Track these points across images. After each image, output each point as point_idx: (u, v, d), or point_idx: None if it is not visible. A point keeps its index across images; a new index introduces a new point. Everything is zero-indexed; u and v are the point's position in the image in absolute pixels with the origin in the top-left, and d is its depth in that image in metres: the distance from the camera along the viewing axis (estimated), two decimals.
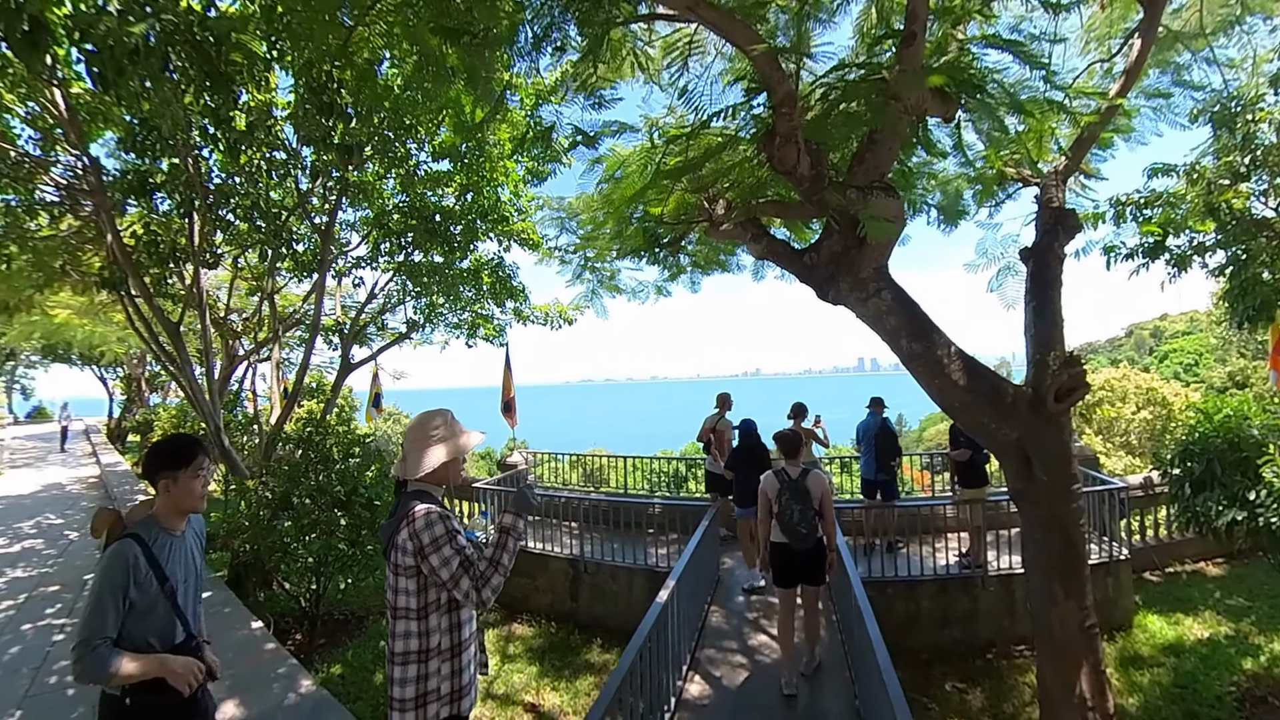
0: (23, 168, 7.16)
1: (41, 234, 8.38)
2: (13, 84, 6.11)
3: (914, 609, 6.42)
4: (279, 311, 10.32)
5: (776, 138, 3.01)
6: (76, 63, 5.76)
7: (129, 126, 6.38)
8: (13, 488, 14.17)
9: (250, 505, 6.25)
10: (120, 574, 1.99)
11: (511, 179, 8.12)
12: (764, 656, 5.08)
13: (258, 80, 5.41)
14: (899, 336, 3.57)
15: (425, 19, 3.40)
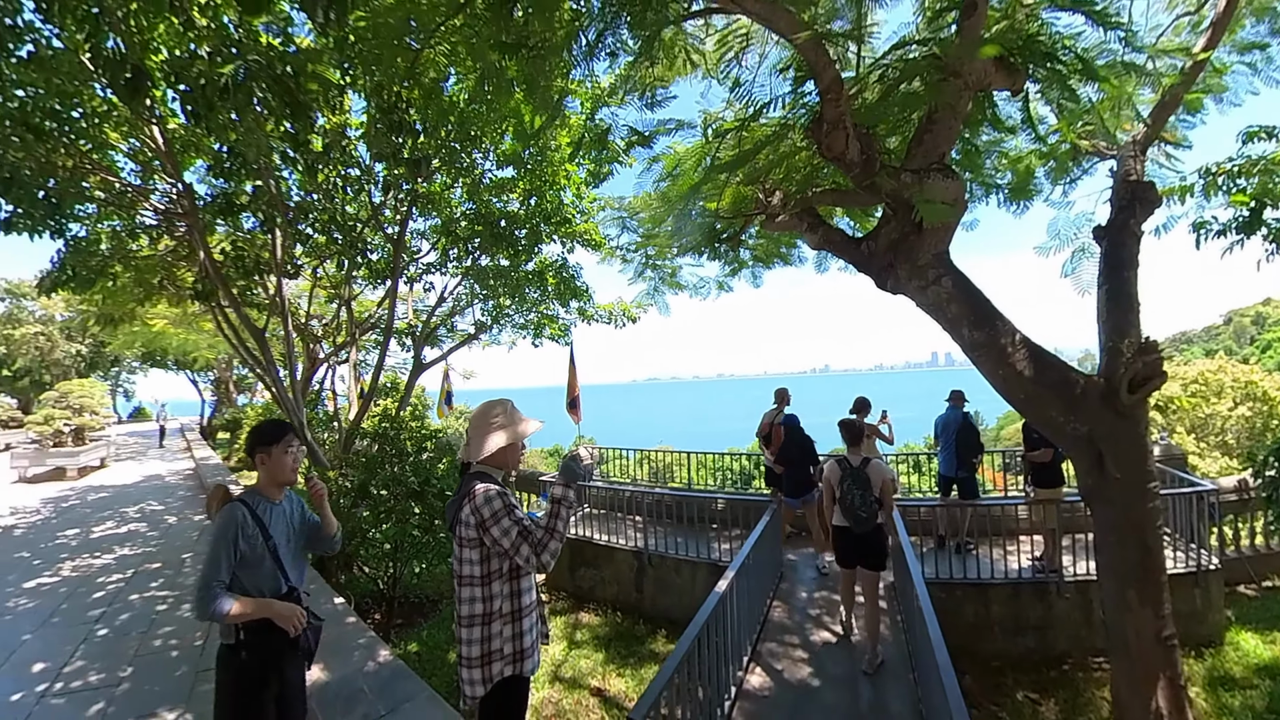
0: (126, 196, 7.97)
1: (142, 254, 9.19)
2: (117, 124, 6.82)
3: (984, 614, 6.13)
4: (355, 316, 11.01)
5: (824, 124, 2.96)
6: (171, 101, 6.32)
7: (218, 155, 6.93)
8: (119, 478, 15.68)
9: (331, 494, 6.61)
10: (231, 528, 2.39)
11: (573, 181, 8.28)
12: (827, 653, 5.03)
13: (332, 105, 5.80)
14: (960, 325, 3.44)
15: (486, 36, 3.56)
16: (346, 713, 2.85)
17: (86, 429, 18.68)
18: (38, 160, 6.18)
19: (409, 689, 3.04)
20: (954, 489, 7.34)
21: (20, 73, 5.12)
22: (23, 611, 5.89)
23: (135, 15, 4.34)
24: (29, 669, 4.64)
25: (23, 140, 5.75)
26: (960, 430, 7.23)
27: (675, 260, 6.22)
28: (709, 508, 8.06)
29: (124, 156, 7.74)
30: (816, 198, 4.02)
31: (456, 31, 3.88)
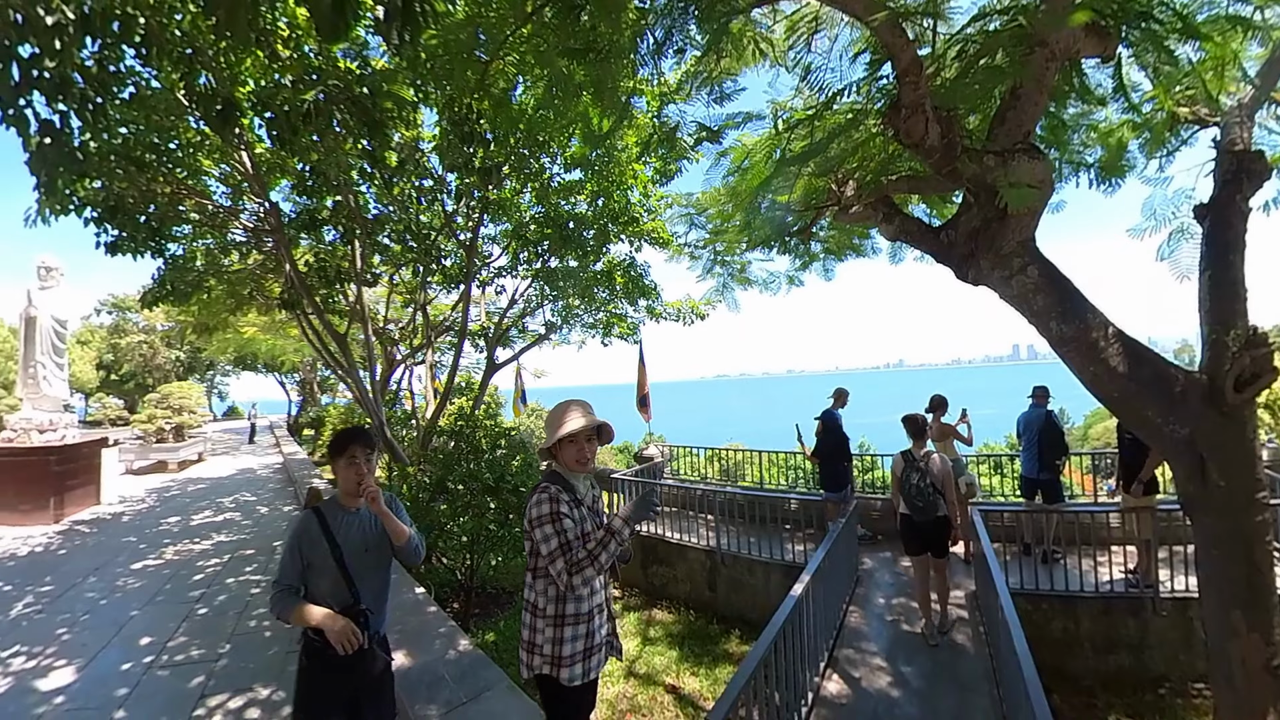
0: (218, 217, 8.64)
1: (233, 268, 9.93)
2: (209, 152, 7.37)
3: (1073, 629, 5.73)
4: (431, 320, 11.47)
5: (902, 109, 2.81)
6: (258, 128, 6.76)
7: (301, 174, 7.39)
8: (215, 471, 16.94)
9: (410, 488, 6.95)
10: (293, 536, 2.49)
11: (640, 180, 8.31)
12: (905, 662, 4.85)
13: (407, 121, 6.07)
14: (1047, 318, 3.18)
15: (553, 44, 3.61)
16: (430, 699, 2.95)
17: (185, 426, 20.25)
18: (139, 189, 6.78)
19: (489, 678, 3.13)
20: (1038, 493, 6.92)
21: (123, 112, 5.61)
22: (131, 590, 6.45)
23: (225, 53, 4.68)
24: (137, 642, 5.07)
25: (126, 172, 6.34)
26: (1043, 429, 6.77)
27: (744, 255, 6.11)
28: (781, 508, 7.92)
29: (216, 181, 8.40)
30: (892, 186, 3.85)
31: (524, 41, 3.95)
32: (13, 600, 6.17)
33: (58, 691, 4.24)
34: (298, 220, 8.23)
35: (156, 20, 3.81)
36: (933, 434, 7.11)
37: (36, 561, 7.69)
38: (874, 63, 3.00)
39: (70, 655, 4.83)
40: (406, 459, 8.44)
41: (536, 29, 3.73)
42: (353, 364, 9.13)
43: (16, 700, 4.13)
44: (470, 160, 6.10)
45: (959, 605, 5.84)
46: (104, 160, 5.83)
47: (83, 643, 5.08)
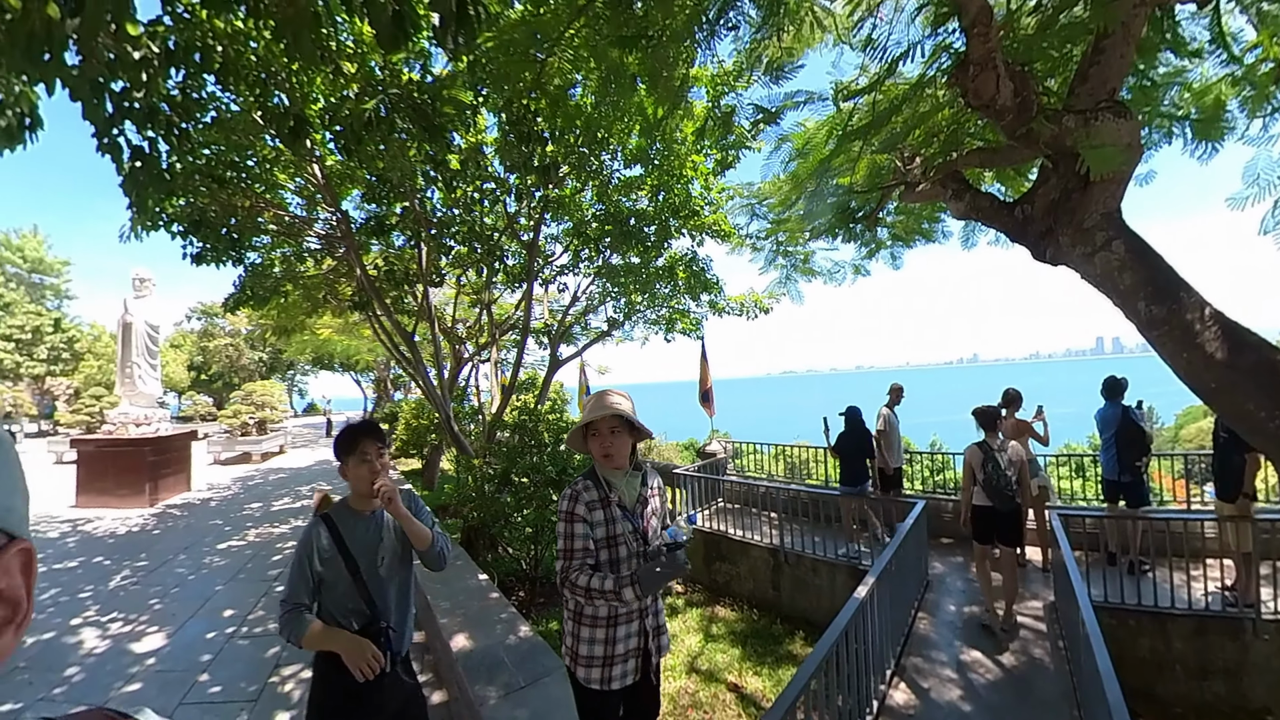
0: (293, 227, 9.23)
1: (308, 274, 10.49)
2: (284, 167, 7.84)
3: (1163, 650, 5.17)
4: (495, 319, 11.75)
5: (970, 66, 2.58)
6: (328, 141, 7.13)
7: (369, 183, 7.73)
8: (294, 462, 18.25)
9: (477, 480, 7.15)
10: (305, 549, 2.20)
11: (700, 172, 8.22)
12: (978, 675, 4.55)
13: (467, 124, 6.24)
14: (1135, 298, 2.83)
15: (607, 34, 3.60)
16: (489, 681, 2.99)
17: (267, 421, 21.63)
18: (221, 204, 7.30)
19: (548, 664, 3.15)
20: (1121, 497, 6.28)
21: (205, 135, 6.00)
22: (216, 568, 6.98)
23: (296, 74, 4.95)
24: (220, 614, 5.51)
25: (208, 189, 6.83)
26: (1121, 427, 6.12)
27: (808, 245, 5.88)
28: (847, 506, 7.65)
29: (291, 193, 8.93)
30: (962, 160, 3.57)
31: (578, 34, 3.98)
32: (112, 573, 6.79)
33: (150, 654, 4.65)
34: (367, 226, 8.59)
35: (233, 48, 4.09)
36: (1006, 432, 6.65)
37: (133, 540, 8.42)
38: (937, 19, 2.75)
39: (161, 623, 5.28)
40: (472, 451, 8.68)
41: (590, 21, 3.73)
42: (421, 362, 9.47)
43: (114, 660, 4.56)
44: (530, 159, 6.19)
45: (1036, 617, 5.51)
46: (188, 179, 6.28)
47: (172, 613, 5.54)
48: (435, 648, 4.23)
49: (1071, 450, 18.54)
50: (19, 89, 3.22)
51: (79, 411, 25.58)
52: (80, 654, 4.66)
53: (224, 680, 4.19)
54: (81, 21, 2.56)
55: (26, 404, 30.30)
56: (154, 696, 3.98)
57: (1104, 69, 2.66)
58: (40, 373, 32.19)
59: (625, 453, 2.33)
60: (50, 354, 32.82)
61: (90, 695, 4.02)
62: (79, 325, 37.20)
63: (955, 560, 6.97)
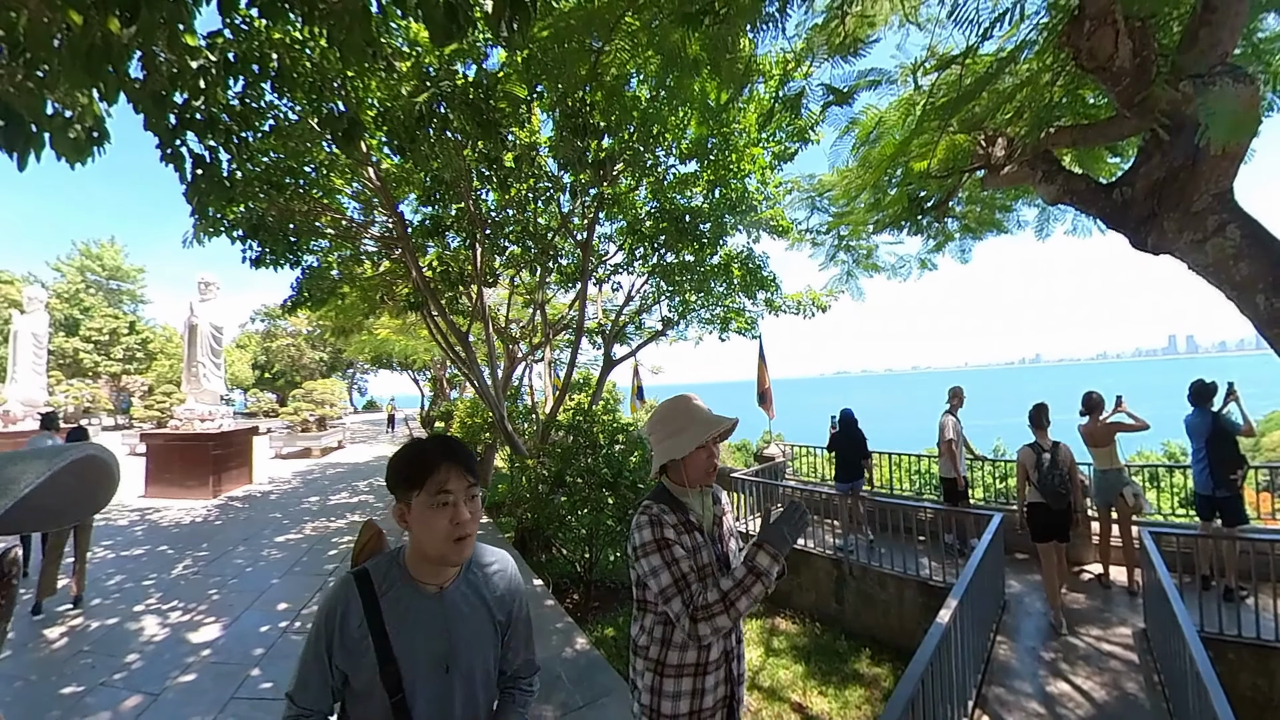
0: (350, 230, 9.39)
1: (366, 276, 10.72)
2: (340, 172, 8.00)
3: (1267, 686, 4.59)
4: (549, 318, 11.75)
5: (1086, 22, 2.32)
6: (382, 146, 7.26)
7: (424, 185, 7.81)
8: (353, 457, 18.76)
9: (530, 481, 7.13)
10: (318, 628, 1.34)
11: (758, 164, 7.97)
12: (1066, 710, 4.11)
13: (520, 120, 6.18)
14: (1253, 291, 2.55)
15: (669, 12, 3.44)
16: (545, 700, 2.86)
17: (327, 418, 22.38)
18: (279, 209, 7.46)
19: (606, 683, 3.01)
20: (1216, 513, 5.61)
21: (264, 143, 6.12)
22: (273, 560, 7.14)
23: (351, 80, 4.99)
24: (275, 607, 5.59)
25: (267, 195, 6.99)
26: (1211, 437, 5.49)
27: (871, 239, 5.64)
28: (914, 517, 7.19)
29: (348, 198, 9.13)
30: (1054, 138, 3.26)
31: (638, 17, 3.82)
32: (175, 561, 7.07)
33: (206, 645, 4.74)
34: (423, 228, 8.68)
35: (289, 57, 4.12)
36: (1094, 439, 6.27)
37: (196, 530, 8.77)
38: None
39: (218, 614, 5.40)
40: (525, 451, 8.66)
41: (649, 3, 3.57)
42: (475, 361, 9.53)
43: (172, 649, 4.66)
44: (584, 154, 6.10)
45: (1126, 645, 5.02)
46: (248, 186, 6.44)
47: (229, 604, 5.66)
48: None
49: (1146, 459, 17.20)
50: (85, 102, 3.29)
51: (151, 407, 27.25)
52: (141, 640, 4.81)
53: (276, 676, 4.22)
54: (138, 30, 2.56)
55: (104, 400, 32.44)
56: (208, 688, 4.04)
57: (1215, 29, 2.37)
58: (117, 371, 34.66)
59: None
60: (126, 354, 35.31)
61: (148, 684, 4.11)
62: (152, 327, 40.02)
63: (1033, 579, 6.43)
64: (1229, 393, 5.68)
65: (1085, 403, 6.38)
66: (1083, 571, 6.64)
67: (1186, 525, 6.92)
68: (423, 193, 8.13)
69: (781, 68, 4.96)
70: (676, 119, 6.44)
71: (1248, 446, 6.00)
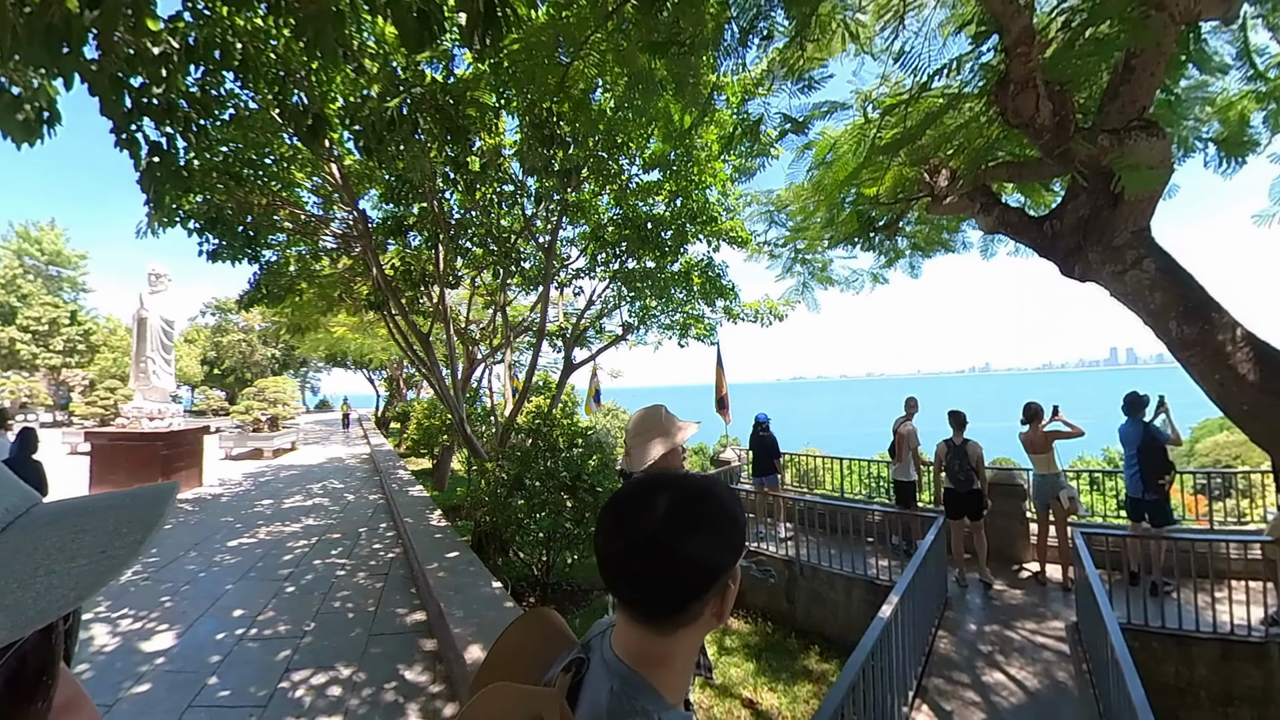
0: (310, 225, 9.19)
1: (324, 273, 10.52)
2: (302, 166, 7.81)
3: (1187, 674, 5.05)
4: (510, 321, 11.73)
5: (1011, 85, 2.59)
6: (346, 140, 7.16)
7: (387, 183, 7.71)
8: (306, 459, 18.17)
9: (489, 484, 7.08)
10: None
11: (719, 179, 8.18)
12: (1001, 699, 4.41)
13: (489, 127, 6.20)
14: (1166, 318, 2.85)
15: (635, 39, 3.58)
16: None
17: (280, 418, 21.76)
18: (237, 201, 7.28)
19: None
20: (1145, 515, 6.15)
21: (223, 132, 5.99)
22: (227, 566, 6.95)
23: (316, 72, 4.94)
24: (230, 614, 5.46)
25: (226, 187, 6.82)
26: (1142, 445, 6.03)
27: (826, 253, 5.89)
28: (863, 519, 7.47)
29: (308, 192, 8.91)
30: (991, 173, 3.57)
31: (605, 39, 3.94)
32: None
33: (159, 654, 4.61)
34: (384, 226, 8.59)
35: (253, 46, 4.06)
36: (1034, 446, 6.71)
37: None
38: (978, 36, 2.75)
39: (171, 621, 5.25)
40: (484, 454, 8.65)
41: (617, 27, 3.70)
42: (435, 362, 9.46)
43: (124, 658, 4.52)
44: (550, 163, 6.17)
45: (1059, 638, 5.38)
46: (206, 176, 6.28)
47: (182, 611, 5.51)
48: (448, 658, 4.16)
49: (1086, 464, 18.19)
50: (38, 83, 3.21)
51: (94, 404, 25.95)
52: (91, 650, 4.64)
53: (233, 684, 4.15)
54: (100, 14, 2.54)
55: (42, 394, 30.82)
56: (163, 698, 3.94)
57: (1134, 87, 2.65)
58: (56, 364, 32.83)
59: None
60: (66, 346, 33.51)
61: (100, 694, 3.96)
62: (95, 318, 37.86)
63: (972, 576, 6.81)
64: (1160, 405, 6.20)
65: (1025, 412, 6.84)
66: (1021, 569, 7.06)
67: (1120, 526, 7.43)
68: (385, 190, 8.05)
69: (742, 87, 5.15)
70: (641, 131, 6.56)
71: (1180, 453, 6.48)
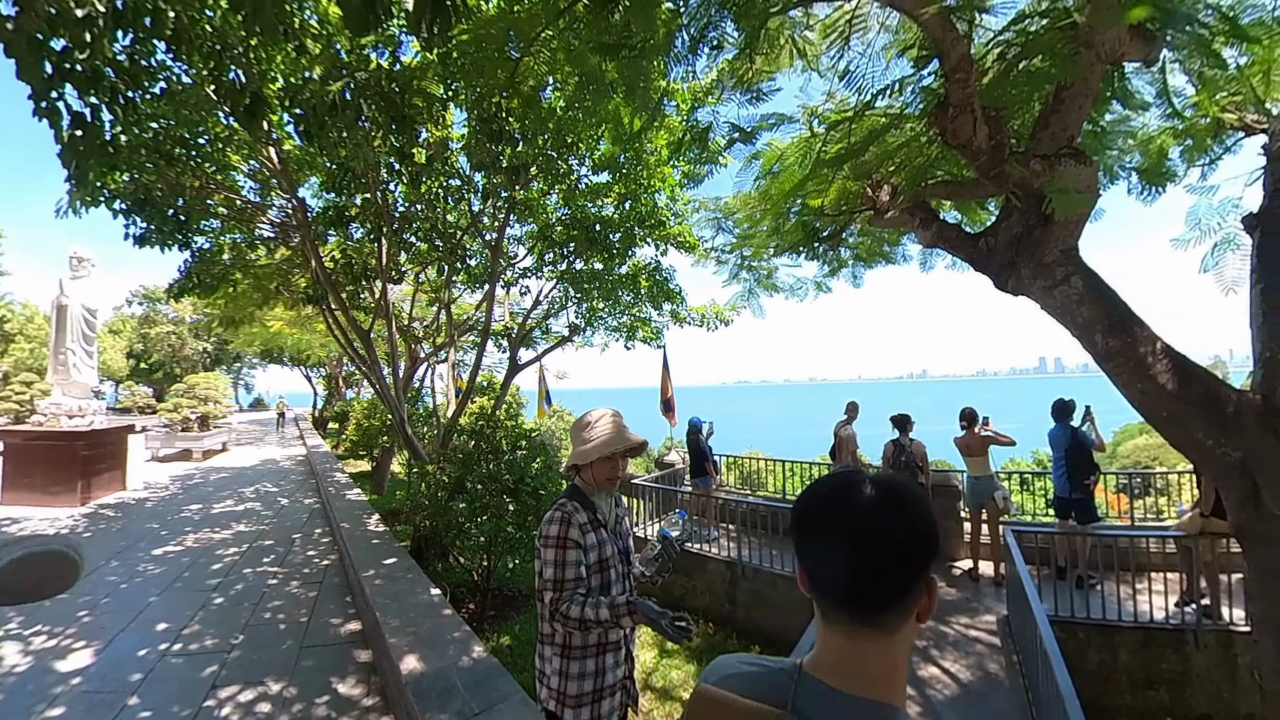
0: (246, 212, 8.76)
1: (260, 263, 10.06)
2: (238, 148, 7.44)
3: (1110, 661, 5.44)
4: (455, 319, 11.49)
5: (950, 108, 2.70)
6: (286, 124, 6.84)
7: (329, 171, 7.38)
8: (238, 461, 17.33)
9: (429, 487, 6.88)
10: None
11: (668, 184, 8.20)
12: (934, 691, 4.62)
13: (435, 119, 6.02)
14: (1093, 331, 3.02)
15: (586, 39, 3.55)
16: (441, 708, 2.87)
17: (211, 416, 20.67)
18: (168, 182, 6.84)
19: (503, 689, 3.04)
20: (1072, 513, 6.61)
21: (153, 106, 5.62)
22: (151, 576, 6.56)
23: (255, 49, 4.70)
24: (153, 628, 5.14)
25: (155, 165, 6.40)
26: (1069, 448, 6.50)
27: (772, 261, 5.98)
28: None
29: (244, 176, 8.49)
30: (930, 190, 3.70)
31: (556, 38, 3.89)
32: None
33: (75, 673, 4.30)
34: (325, 216, 8.25)
35: (187, 15, 3.81)
36: (970, 450, 7.14)
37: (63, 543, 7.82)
38: (920, 60, 2.86)
39: (89, 637, 4.91)
40: (426, 456, 8.43)
41: (569, 25, 3.67)
42: (376, 360, 9.17)
43: (36, 679, 4.20)
44: (498, 159, 6.05)
45: (990, 631, 5.63)
46: (134, 153, 5.89)
47: (102, 625, 5.17)
48: (383, 669, 4.04)
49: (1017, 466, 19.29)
50: None
51: (7, 399, 24.06)
52: (0, 672, 4.30)
53: (155, 703, 3.91)
54: None
55: None
56: None
57: (1063, 117, 2.81)
58: None
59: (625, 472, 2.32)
60: None
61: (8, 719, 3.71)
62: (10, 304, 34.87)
63: None
64: (1086, 414, 6.73)
65: (962, 417, 7.28)
66: (954, 566, 7.38)
67: (1048, 524, 7.90)
68: (327, 178, 7.70)
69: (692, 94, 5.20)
70: (591, 132, 6.52)
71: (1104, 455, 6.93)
